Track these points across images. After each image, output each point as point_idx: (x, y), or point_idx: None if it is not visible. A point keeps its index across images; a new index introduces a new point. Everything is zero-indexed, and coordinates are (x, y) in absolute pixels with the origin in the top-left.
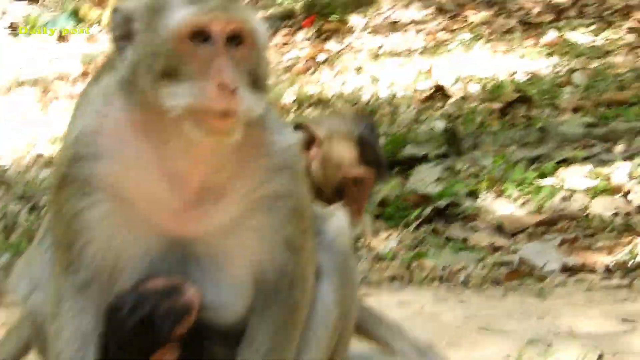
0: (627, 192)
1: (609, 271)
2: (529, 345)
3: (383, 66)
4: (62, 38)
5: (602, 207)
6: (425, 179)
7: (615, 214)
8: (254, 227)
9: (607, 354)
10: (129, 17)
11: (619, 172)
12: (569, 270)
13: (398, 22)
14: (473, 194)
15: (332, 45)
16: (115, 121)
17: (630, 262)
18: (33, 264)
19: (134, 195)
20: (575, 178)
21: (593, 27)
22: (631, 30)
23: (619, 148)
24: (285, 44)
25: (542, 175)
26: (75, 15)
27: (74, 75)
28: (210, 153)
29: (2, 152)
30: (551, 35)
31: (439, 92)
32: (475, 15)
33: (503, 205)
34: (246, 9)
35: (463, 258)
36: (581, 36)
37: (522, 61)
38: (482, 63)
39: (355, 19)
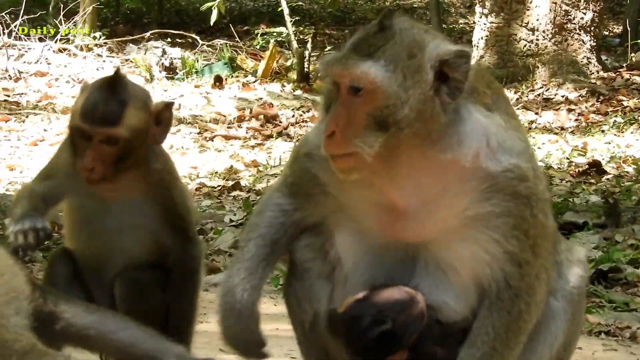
0: None
1: None
2: None
3: (536, 140)
4: (217, 84)
5: None
6: (584, 245)
7: None
8: (473, 239)
9: None
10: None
11: None
12: None
13: (550, 100)
14: (634, 262)
15: None
16: None
17: None
18: None
19: (357, 200)
20: None
21: None
22: None
23: None
24: None
25: None
26: (232, 63)
27: (229, 119)
28: (410, 177)
29: None
30: None
31: (594, 169)
32: (629, 101)
33: None
34: (366, 60)
35: (627, 318)
36: None
37: None
38: (636, 146)
39: (507, 93)
